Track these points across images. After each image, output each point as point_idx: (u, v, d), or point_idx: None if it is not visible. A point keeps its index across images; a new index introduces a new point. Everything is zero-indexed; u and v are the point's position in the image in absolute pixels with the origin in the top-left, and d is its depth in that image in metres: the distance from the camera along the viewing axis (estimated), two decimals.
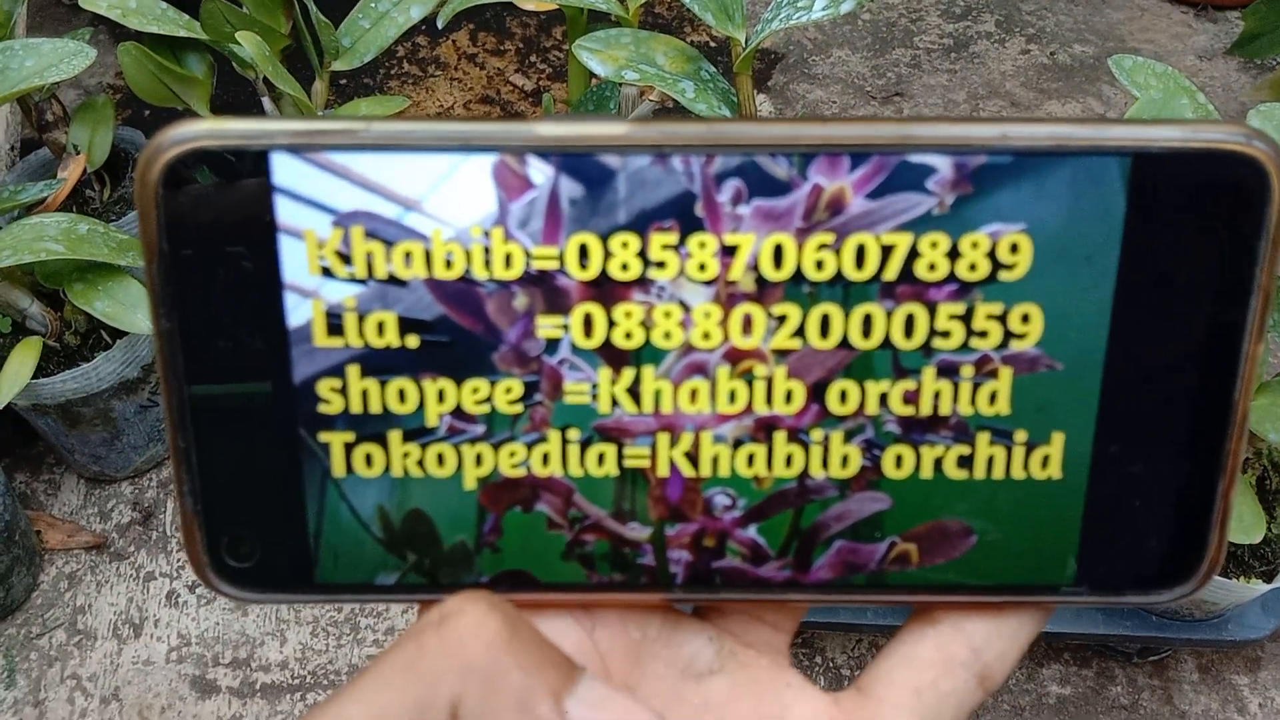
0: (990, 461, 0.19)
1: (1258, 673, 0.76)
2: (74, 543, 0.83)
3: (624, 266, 0.18)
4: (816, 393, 0.19)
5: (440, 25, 0.61)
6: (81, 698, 0.75)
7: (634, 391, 0.19)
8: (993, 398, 0.19)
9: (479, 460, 0.19)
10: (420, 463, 0.19)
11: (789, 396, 0.19)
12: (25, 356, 0.70)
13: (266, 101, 0.76)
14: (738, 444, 0.19)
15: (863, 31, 1.24)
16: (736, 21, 0.58)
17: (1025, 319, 0.18)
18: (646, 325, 0.18)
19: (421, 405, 0.19)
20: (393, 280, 0.18)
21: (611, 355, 0.18)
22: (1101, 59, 0.56)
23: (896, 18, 1.26)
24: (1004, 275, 0.18)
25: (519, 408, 0.19)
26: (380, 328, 0.18)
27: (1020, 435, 0.19)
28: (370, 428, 0.19)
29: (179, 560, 0.82)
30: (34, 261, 0.64)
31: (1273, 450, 0.68)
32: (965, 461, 0.19)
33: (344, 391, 0.18)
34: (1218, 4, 1.25)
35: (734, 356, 0.18)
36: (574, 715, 0.17)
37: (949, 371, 0.18)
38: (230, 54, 0.72)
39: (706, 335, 0.18)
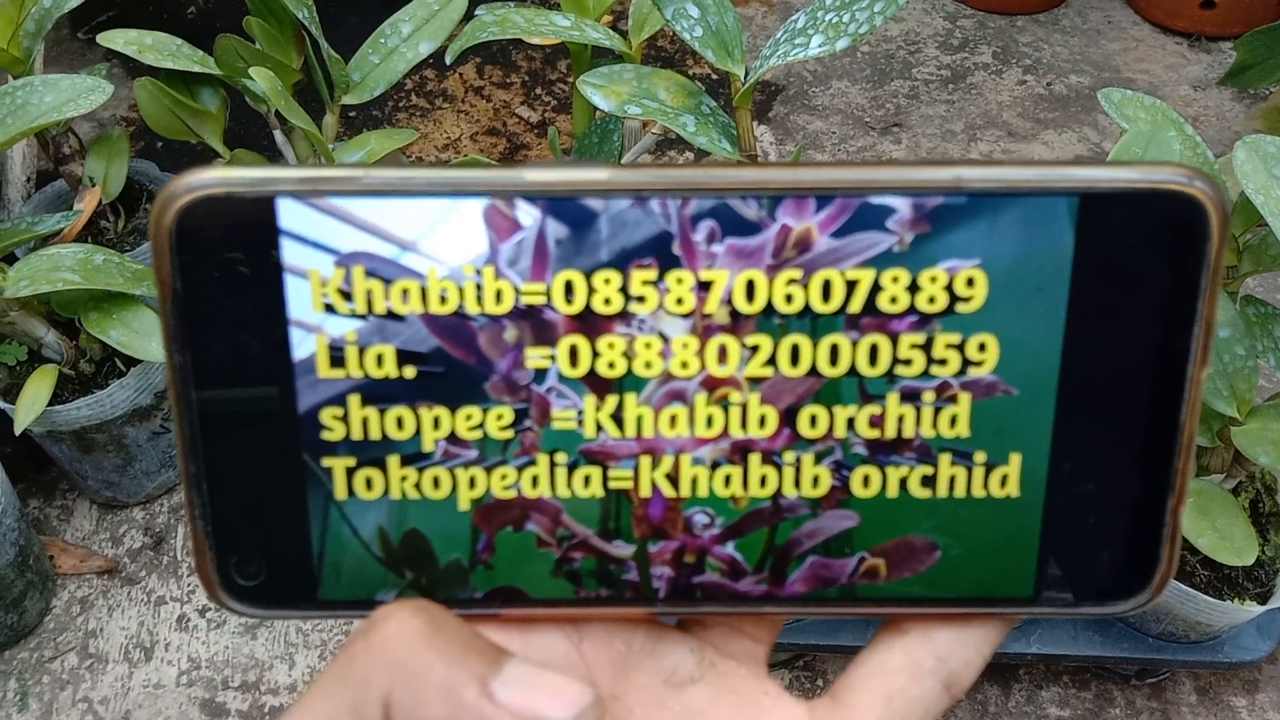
0: (952, 481, 0.20)
1: (1255, 695, 0.77)
2: (86, 568, 0.84)
3: (606, 301, 0.19)
4: (788, 417, 0.20)
5: (448, 60, 0.63)
6: None
7: (617, 417, 0.20)
8: (953, 421, 0.20)
9: (472, 483, 0.20)
10: (417, 485, 0.20)
11: (762, 421, 0.20)
12: (41, 384, 0.71)
13: (278, 134, 0.78)
14: (715, 466, 0.20)
15: (862, 64, 1.26)
16: (736, 57, 0.59)
17: (982, 347, 0.19)
18: (628, 355, 0.19)
19: (418, 432, 0.20)
20: (391, 315, 0.19)
21: (596, 383, 0.20)
22: (1097, 89, 0.57)
23: (895, 50, 1.28)
24: (961, 307, 0.19)
25: (510, 433, 0.20)
26: (379, 359, 0.19)
27: (980, 456, 0.20)
28: (370, 453, 0.20)
29: (189, 585, 0.83)
30: (51, 291, 0.65)
31: (1265, 474, 0.69)
32: (928, 481, 0.20)
33: (345, 419, 0.20)
34: (1211, 35, 1.27)
35: (710, 384, 0.20)
36: (500, 696, 0.17)
37: (911, 397, 0.20)
38: (243, 88, 0.74)
39: (685, 364, 0.19)
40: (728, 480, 0.20)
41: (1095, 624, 0.72)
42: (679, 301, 0.19)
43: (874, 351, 0.19)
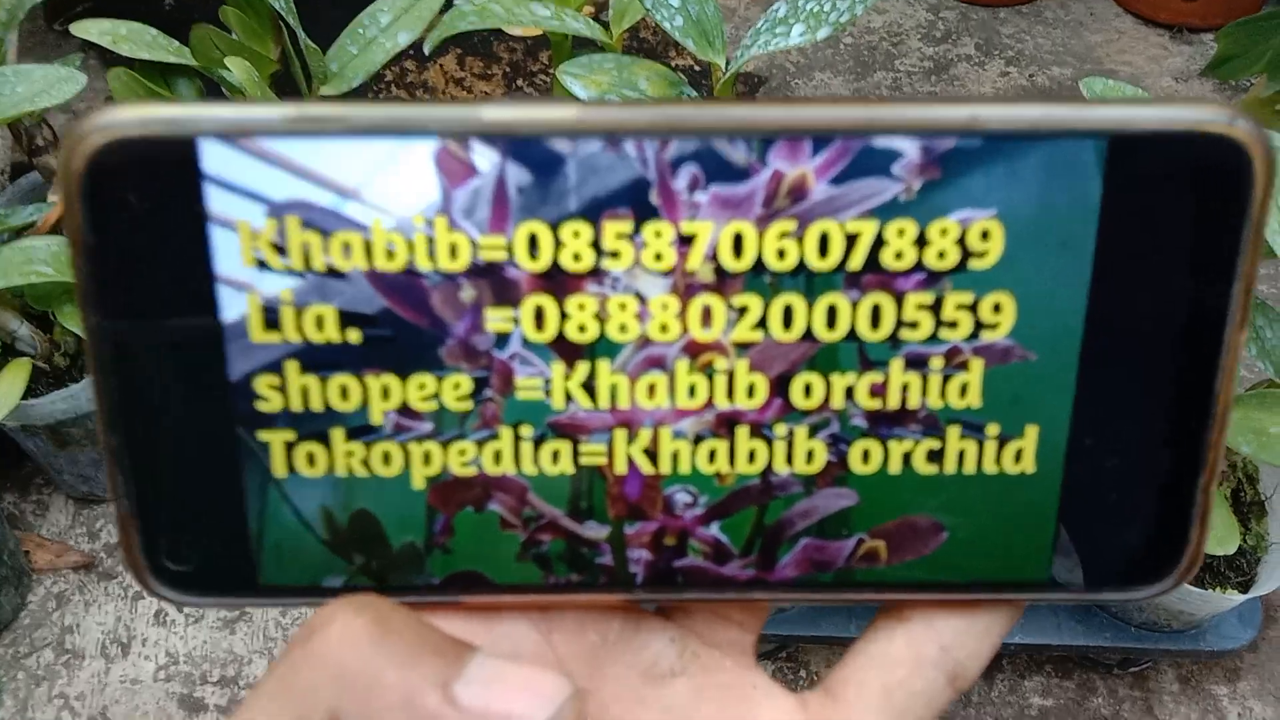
0: (961, 456, 0.18)
1: (1237, 683, 0.77)
2: (62, 563, 0.83)
3: (576, 257, 0.17)
4: (779, 386, 0.18)
5: (427, 51, 0.62)
6: (69, 717, 0.75)
7: (589, 386, 0.18)
8: (963, 390, 0.18)
9: (427, 459, 0.18)
10: (365, 462, 0.18)
11: (751, 390, 0.18)
12: (14, 378, 0.70)
13: None
14: (698, 440, 0.18)
15: (844, 55, 1.25)
16: (717, 47, 0.59)
17: (997, 309, 0.18)
18: (601, 318, 0.18)
19: (365, 402, 0.18)
20: (331, 272, 0.17)
21: (565, 349, 0.18)
22: (1080, 80, 0.57)
23: (878, 41, 1.27)
24: (974, 264, 0.17)
25: (468, 404, 0.18)
26: (319, 322, 0.17)
27: (992, 428, 0.18)
28: (312, 426, 0.18)
29: None
30: (24, 284, 0.64)
31: (1246, 463, 0.69)
32: (935, 456, 0.18)
33: (283, 388, 0.18)
34: (1193, 27, 1.27)
35: (693, 349, 0.18)
36: (465, 699, 0.16)
37: (917, 363, 0.18)
38: (220, 79, 0.73)
39: (664, 328, 0.18)
40: (712, 455, 0.18)
41: (1078, 613, 0.73)
42: (658, 257, 0.17)
43: (876, 313, 0.18)
